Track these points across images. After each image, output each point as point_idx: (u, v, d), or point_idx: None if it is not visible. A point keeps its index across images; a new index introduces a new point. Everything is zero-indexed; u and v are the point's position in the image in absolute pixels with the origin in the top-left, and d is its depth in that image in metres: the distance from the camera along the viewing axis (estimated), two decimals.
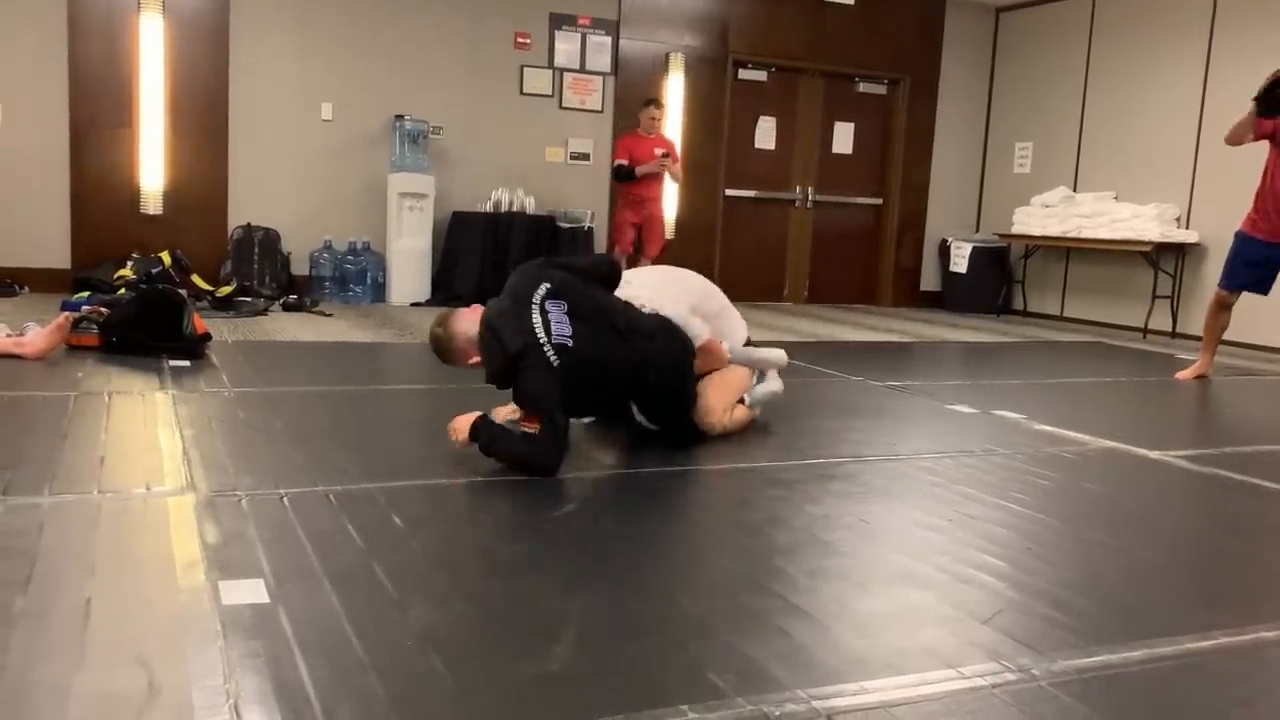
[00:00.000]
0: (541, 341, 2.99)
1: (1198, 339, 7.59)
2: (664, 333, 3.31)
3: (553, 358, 2.98)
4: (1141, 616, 2.18)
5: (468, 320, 3.15)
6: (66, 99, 7.13)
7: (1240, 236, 5.65)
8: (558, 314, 3.05)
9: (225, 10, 7.46)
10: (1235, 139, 5.51)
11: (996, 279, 9.60)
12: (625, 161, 7.67)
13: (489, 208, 8.02)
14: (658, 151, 7.72)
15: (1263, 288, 5.67)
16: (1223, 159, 7.08)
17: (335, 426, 3.66)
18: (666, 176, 7.91)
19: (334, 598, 2.00)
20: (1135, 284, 8.48)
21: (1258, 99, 5.30)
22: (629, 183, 7.72)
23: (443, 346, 3.23)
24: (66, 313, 4.74)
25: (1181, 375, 5.85)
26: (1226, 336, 6.02)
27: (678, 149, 8.23)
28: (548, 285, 3.11)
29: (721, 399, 3.54)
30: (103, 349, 4.70)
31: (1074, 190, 9.00)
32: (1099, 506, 3.15)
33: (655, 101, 7.95)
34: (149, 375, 4.27)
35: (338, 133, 7.82)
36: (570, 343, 3.01)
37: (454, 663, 1.75)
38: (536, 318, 3.03)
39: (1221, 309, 5.79)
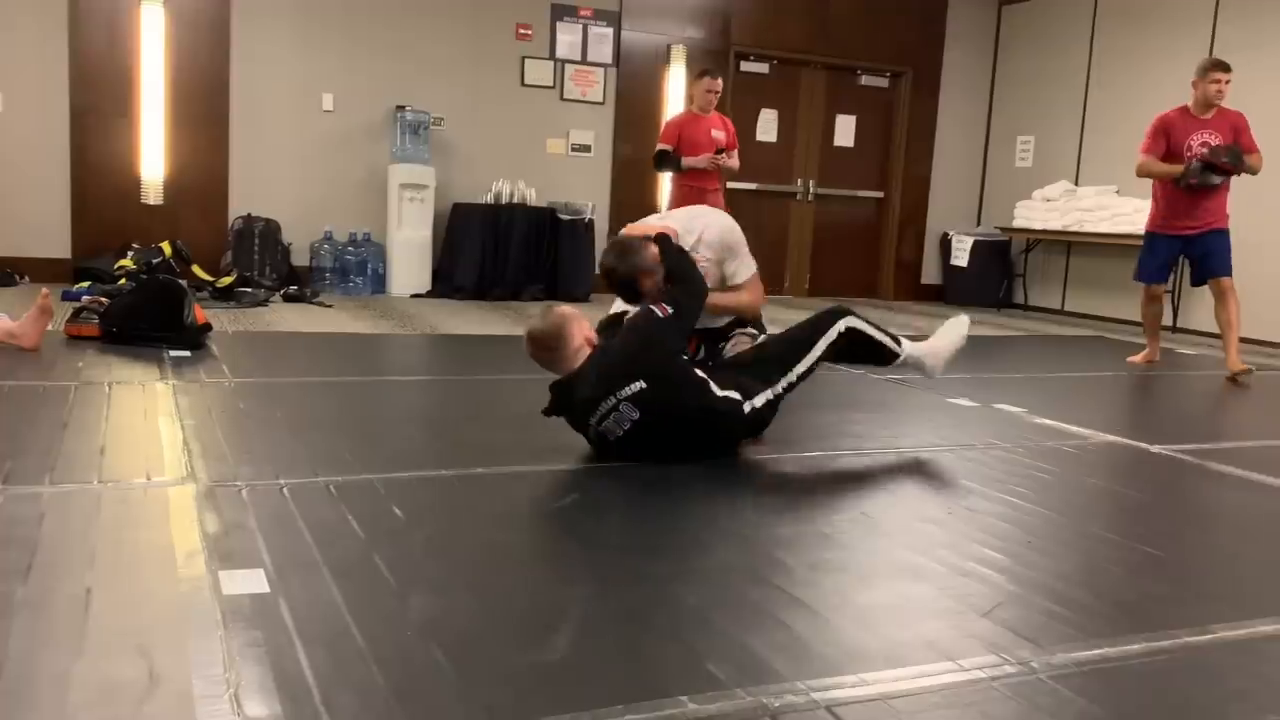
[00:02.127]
0: (590, 423, 2.99)
1: (1199, 333, 7.64)
2: (716, 413, 3.09)
3: (591, 434, 3.02)
4: (1141, 610, 2.18)
5: (582, 339, 3.04)
6: (67, 88, 7.11)
7: (1154, 237, 5.87)
8: (626, 413, 2.93)
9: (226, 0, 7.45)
10: (1144, 174, 5.82)
11: (998, 273, 9.59)
12: (670, 147, 6.37)
13: (490, 199, 8.00)
14: (715, 133, 6.45)
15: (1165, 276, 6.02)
16: None
17: (336, 417, 3.66)
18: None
19: (334, 588, 2.00)
20: None
21: (1190, 182, 5.57)
22: (676, 173, 6.49)
23: (552, 335, 3.04)
24: (44, 289, 4.70)
25: (1132, 359, 6.11)
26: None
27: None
28: (642, 386, 2.92)
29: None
30: (103, 339, 4.70)
31: (1075, 184, 8.99)
32: (1099, 500, 3.15)
33: (712, 71, 6.65)
34: (149, 365, 4.27)
35: (338, 123, 7.81)
36: (610, 438, 2.97)
37: (454, 653, 1.76)
38: (603, 408, 2.94)
39: (1153, 300, 6.07)
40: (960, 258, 9.60)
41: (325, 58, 7.72)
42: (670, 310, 3.03)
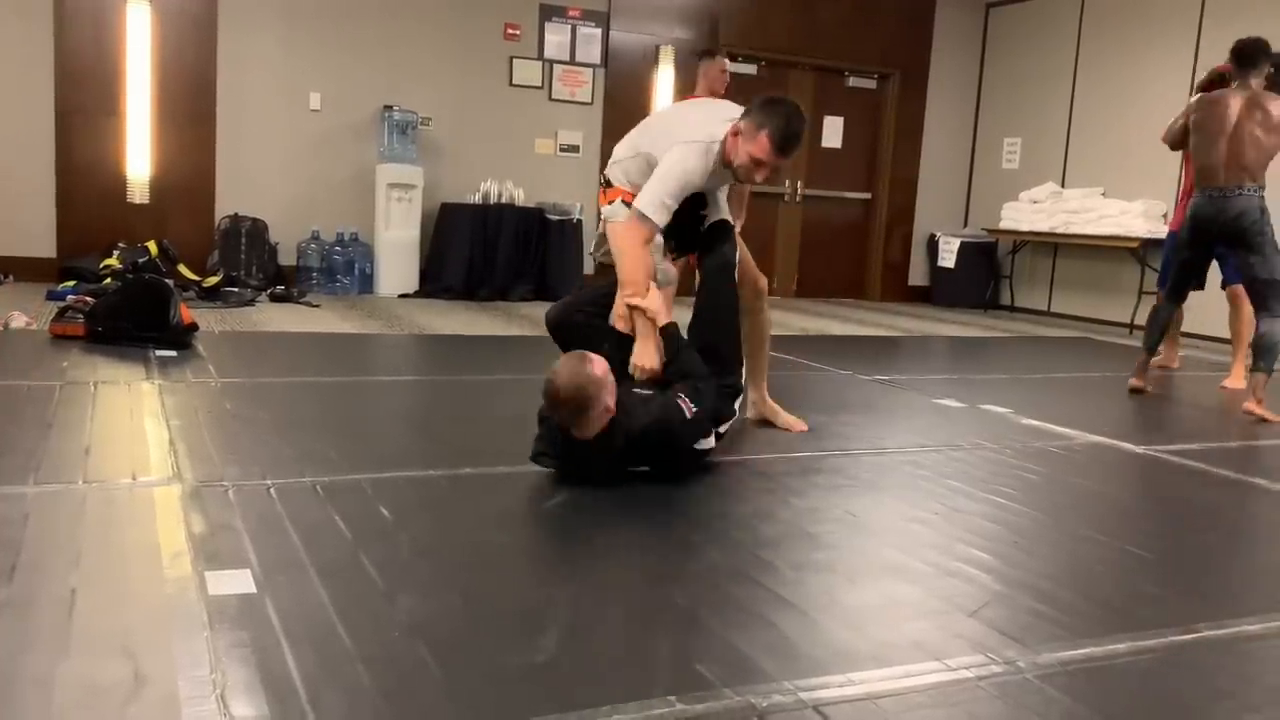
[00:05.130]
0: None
1: (1182, 335, 7.66)
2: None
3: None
4: (1126, 610, 2.19)
5: (604, 408, 2.83)
6: (52, 87, 7.07)
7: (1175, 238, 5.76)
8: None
9: None
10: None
11: (984, 274, 9.63)
12: None
13: (478, 199, 7.98)
14: None
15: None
16: None
17: (322, 417, 3.65)
18: None
19: (321, 588, 2.00)
20: (1122, 280, 8.52)
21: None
22: None
23: (577, 403, 2.78)
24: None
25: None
26: (1213, 333, 6.09)
27: None
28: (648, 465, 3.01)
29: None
30: (88, 339, 4.67)
31: (1062, 186, 9.03)
32: (1085, 500, 3.16)
33: (721, 51, 6.31)
34: (135, 365, 4.25)
35: (326, 123, 7.78)
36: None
37: (441, 653, 1.75)
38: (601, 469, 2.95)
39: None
40: (947, 259, 9.63)
41: (312, 57, 7.69)
42: (695, 409, 2.93)
